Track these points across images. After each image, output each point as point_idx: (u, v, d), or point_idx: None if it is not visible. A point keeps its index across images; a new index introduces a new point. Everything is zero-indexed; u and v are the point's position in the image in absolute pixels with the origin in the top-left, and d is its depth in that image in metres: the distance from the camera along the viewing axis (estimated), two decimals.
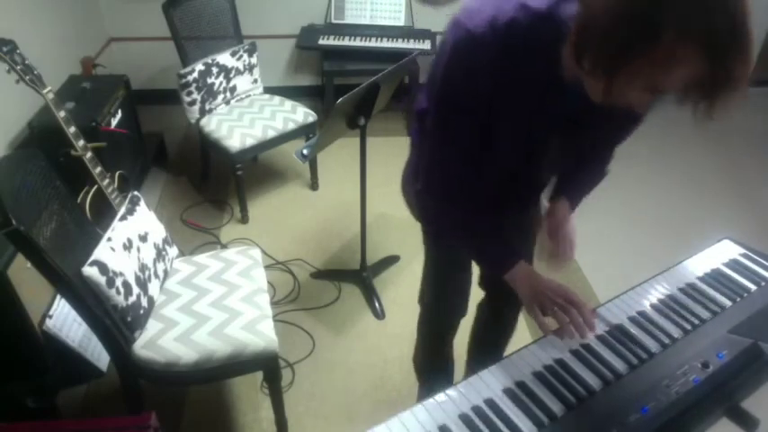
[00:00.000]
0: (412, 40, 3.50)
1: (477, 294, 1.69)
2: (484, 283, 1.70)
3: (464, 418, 0.98)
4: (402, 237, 2.84)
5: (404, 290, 2.54)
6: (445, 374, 1.83)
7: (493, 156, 1.16)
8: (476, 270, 1.61)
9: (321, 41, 3.47)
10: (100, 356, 2.07)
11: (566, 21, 0.92)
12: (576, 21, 0.87)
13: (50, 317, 1.92)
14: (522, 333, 1.85)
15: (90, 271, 1.46)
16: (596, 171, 1.38)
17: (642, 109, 0.94)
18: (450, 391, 1.03)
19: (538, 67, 0.99)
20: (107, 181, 2.22)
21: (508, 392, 1.03)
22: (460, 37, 1.00)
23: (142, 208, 1.80)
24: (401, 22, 3.61)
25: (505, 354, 1.29)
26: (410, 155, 1.43)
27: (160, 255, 1.82)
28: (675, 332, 1.15)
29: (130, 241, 1.66)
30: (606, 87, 0.87)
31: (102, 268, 1.48)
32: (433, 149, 1.18)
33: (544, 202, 1.44)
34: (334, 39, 3.48)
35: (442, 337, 1.75)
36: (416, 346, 1.85)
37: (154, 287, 1.74)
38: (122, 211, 1.72)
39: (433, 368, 1.85)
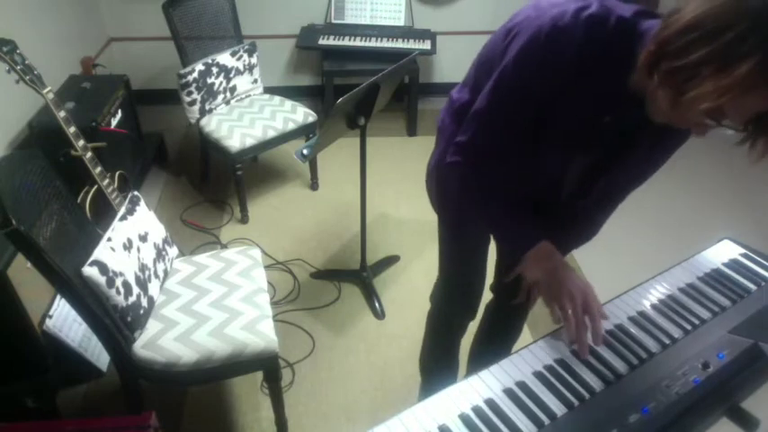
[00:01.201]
0: (412, 40, 3.50)
1: (486, 296, 1.69)
2: (495, 287, 1.70)
3: (464, 418, 0.98)
4: (402, 237, 2.84)
5: (404, 290, 2.54)
6: (449, 374, 1.83)
7: (536, 147, 1.15)
8: (489, 274, 1.61)
9: (321, 41, 3.47)
10: (100, 356, 2.07)
11: (644, 34, 0.92)
12: (660, 30, 0.87)
13: (50, 317, 1.92)
14: (523, 333, 1.85)
15: (90, 271, 1.46)
16: (590, 231, 1.40)
17: (699, 134, 0.93)
18: (451, 391, 1.03)
19: (611, 68, 0.98)
20: (107, 181, 2.22)
21: (508, 392, 1.03)
22: (542, 26, 0.99)
23: (142, 208, 1.80)
24: (401, 22, 3.61)
25: None
26: (436, 145, 1.41)
27: (160, 255, 1.82)
28: (675, 332, 1.15)
29: (130, 241, 1.66)
30: (672, 103, 0.87)
31: (102, 268, 1.48)
32: (480, 126, 1.15)
33: None
34: (334, 39, 3.48)
35: (450, 335, 1.75)
36: (423, 344, 1.85)
37: (154, 287, 1.74)
38: (122, 211, 1.72)
39: (437, 367, 1.84)
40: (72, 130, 2.06)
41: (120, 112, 2.76)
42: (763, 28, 0.77)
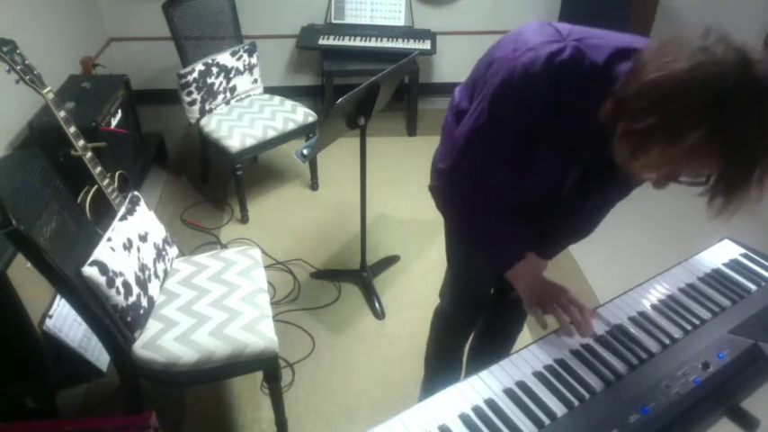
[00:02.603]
0: (412, 40, 3.50)
1: None
2: (495, 282, 1.70)
3: (464, 418, 0.98)
4: (402, 237, 2.84)
5: (404, 290, 2.54)
6: (452, 373, 1.83)
7: (521, 175, 1.19)
8: None
9: (321, 41, 3.47)
10: (100, 356, 2.07)
11: (618, 77, 0.93)
12: (619, 88, 0.89)
13: (50, 317, 1.92)
14: (523, 333, 1.85)
15: (90, 271, 1.46)
16: (589, 227, 1.40)
17: (658, 187, 0.95)
18: (451, 391, 1.03)
19: (586, 110, 0.98)
20: (107, 181, 2.22)
21: (508, 392, 1.03)
22: (515, 70, 1.01)
23: (142, 208, 1.80)
24: (401, 22, 3.61)
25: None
26: (440, 143, 1.42)
27: (160, 255, 1.82)
28: (676, 332, 1.15)
29: (130, 241, 1.66)
30: (627, 162, 0.89)
31: (102, 268, 1.48)
32: (457, 157, 1.19)
33: None
34: (334, 39, 3.48)
35: (454, 335, 1.75)
36: (428, 341, 1.85)
37: (154, 287, 1.74)
38: (122, 211, 1.72)
39: (440, 367, 1.85)
40: (72, 130, 2.06)
41: (120, 112, 2.76)
42: (708, 99, 0.78)
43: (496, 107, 1.07)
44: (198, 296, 1.77)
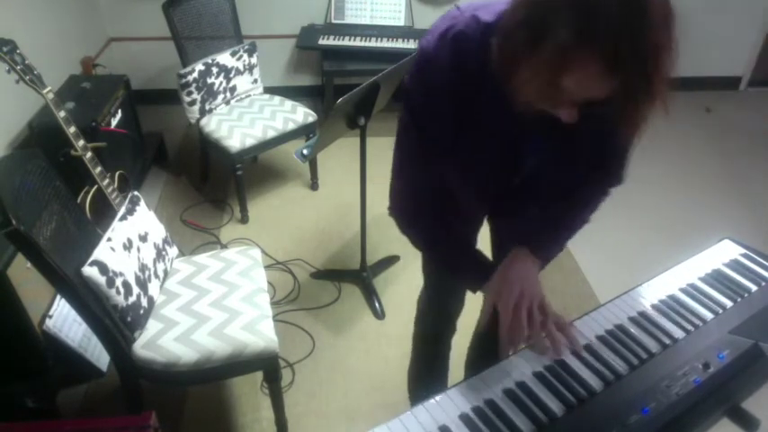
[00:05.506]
0: (412, 40, 3.50)
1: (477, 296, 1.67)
2: None
3: (464, 419, 0.98)
4: (402, 237, 2.83)
5: (404, 290, 2.54)
6: (440, 384, 1.78)
7: (451, 167, 1.18)
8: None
9: (321, 41, 3.47)
10: (100, 356, 2.07)
11: None
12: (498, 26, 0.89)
13: (50, 317, 1.92)
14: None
15: (90, 271, 1.46)
16: (569, 216, 1.32)
17: (567, 119, 0.89)
18: (451, 392, 1.03)
19: (487, 77, 0.95)
20: (107, 181, 2.22)
21: (508, 392, 1.03)
22: (418, 55, 1.02)
23: (142, 208, 1.80)
24: (401, 22, 3.61)
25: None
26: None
27: (160, 255, 1.82)
28: (676, 332, 1.15)
29: (130, 241, 1.66)
30: (513, 87, 0.85)
31: (102, 268, 1.48)
32: (395, 168, 1.21)
33: None
34: (334, 39, 3.48)
35: (435, 345, 1.72)
36: (410, 365, 1.80)
37: (154, 287, 1.74)
38: (122, 211, 1.72)
39: (428, 375, 1.79)
40: (72, 130, 2.06)
41: (120, 112, 2.76)
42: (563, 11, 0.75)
43: (411, 103, 1.07)
44: (198, 296, 1.77)
